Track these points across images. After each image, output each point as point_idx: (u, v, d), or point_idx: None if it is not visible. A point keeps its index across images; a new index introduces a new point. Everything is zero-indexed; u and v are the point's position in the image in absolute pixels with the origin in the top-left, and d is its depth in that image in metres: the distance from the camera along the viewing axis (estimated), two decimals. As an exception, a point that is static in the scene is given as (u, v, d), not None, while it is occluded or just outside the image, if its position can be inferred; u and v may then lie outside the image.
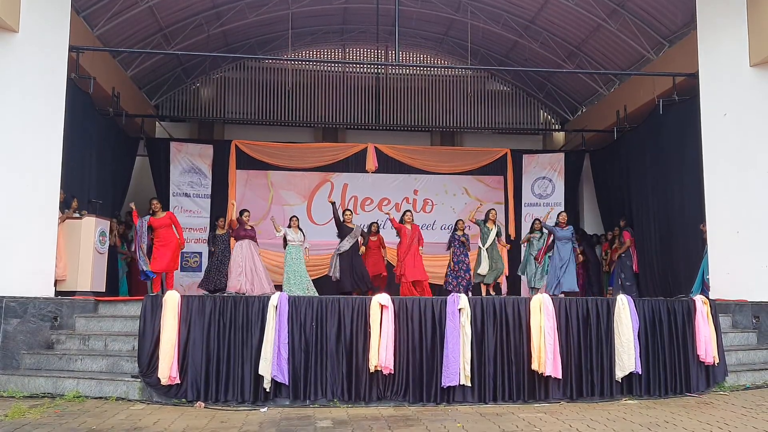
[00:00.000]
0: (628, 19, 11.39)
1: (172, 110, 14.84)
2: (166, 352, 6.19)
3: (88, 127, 10.16)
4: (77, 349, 7.07)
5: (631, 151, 12.36)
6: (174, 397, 6.21)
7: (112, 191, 11.58)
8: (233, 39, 13.95)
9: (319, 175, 13.61)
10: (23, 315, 7.17)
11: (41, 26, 8.00)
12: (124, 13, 10.94)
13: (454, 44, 14.68)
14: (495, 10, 12.85)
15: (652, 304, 6.99)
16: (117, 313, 7.59)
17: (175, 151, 12.92)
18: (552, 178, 13.70)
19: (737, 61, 8.69)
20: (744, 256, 8.39)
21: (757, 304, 8.13)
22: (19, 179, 7.72)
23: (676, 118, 10.47)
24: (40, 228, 7.76)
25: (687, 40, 10.30)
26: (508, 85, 15.82)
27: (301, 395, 6.28)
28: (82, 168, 9.94)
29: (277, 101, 15.00)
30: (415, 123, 15.33)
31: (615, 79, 13.37)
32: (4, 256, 7.49)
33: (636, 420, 5.58)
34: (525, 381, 6.49)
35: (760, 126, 8.55)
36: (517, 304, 6.69)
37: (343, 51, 15.67)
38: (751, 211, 8.46)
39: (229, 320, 6.42)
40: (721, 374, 7.03)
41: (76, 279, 8.18)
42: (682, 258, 10.36)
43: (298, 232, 10.20)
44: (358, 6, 13.32)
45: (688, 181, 9.97)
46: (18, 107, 7.80)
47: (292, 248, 10.04)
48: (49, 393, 6.39)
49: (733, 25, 8.73)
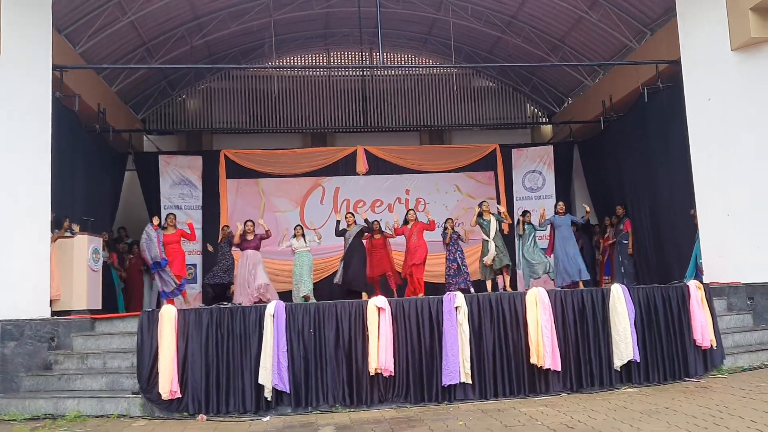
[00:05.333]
0: (608, 9, 11.45)
1: (159, 123, 14.79)
2: (165, 367, 6.18)
3: (76, 145, 10.12)
4: (76, 368, 7.04)
5: (618, 140, 12.41)
6: (175, 411, 6.21)
7: (102, 208, 11.54)
8: (216, 49, 13.93)
9: (310, 180, 13.61)
10: (20, 337, 7.13)
11: (23, 46, 7.95)
12: (106, 29, 10.91)
13: (438, 43, 14.71)
14: (476, 7, 12.89)
15: (646, 291, 7.04)
16: (114, 330, 7.55)
17: (164, 163, 12.88)
18: (542, 170, 13.76)
19: (718, 45, 8.74)
20: (735, 238, 8.44)
21: (750, 285, 8.18)
22: (9, 200, 7.69)
23: (661, 105, 10.53)
24: (33, 249, 7.72)
25: (668, 28, 10.36)
26: (494, 80, 15.87)
27: (302, 402, 6.29)
28: (72, 186, 9.89)
29: (264, 109, 14.99)
30: (403, 123, 15.36)
31: (599, 69, 13.45)
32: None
33: (637, 408, 5.61)
34: (525, 375, 6.52)
35: (743, 108, 8.60)
36: (513, 299, 6.72)
37: (327, 55, 15.68)
38: (739, 193, 8.51)
39: (226, 331, 6.42)
40: (719, 357, 7.08)
41: (71, 298, 8.13)
42: (674, 244, 10.42)
43: (300, 239, 10.45)
44: (340, 10, 13.32)
45: (676, 167, 10.02)
46: (4, 128, 7.76)
47: (297, 255, 10.37)
48: (50, 414, 6.37)
49: (713, 10, 8.78)
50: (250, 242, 10.02)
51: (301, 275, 10.27)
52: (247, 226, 10.13)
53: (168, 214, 10.00)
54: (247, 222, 10.26)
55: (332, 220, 13.27)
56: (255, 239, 10.12)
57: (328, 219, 13.27)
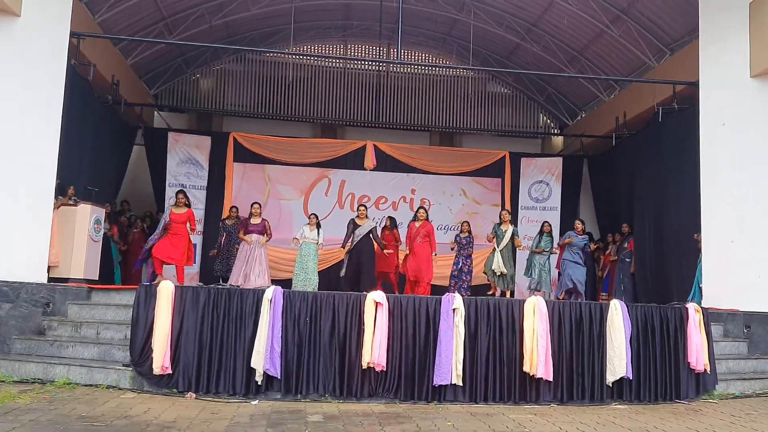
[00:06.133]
0: (630, 25, 11.42)
1: (172, 100, 14.78)
2: (159, 342, 6.18)
3: (87, 114, 10.10)
4: (69, 336, 7.05)
5: (629, 157, 12.37)
6: (165, 387, 6.20)
7: (108, 179, 11.53)
8: (235, 31, 13.91)
9: (316, 170, 13.58)
10: (15, 300, 7.14)
11: (43, 11, 7.95)
12: (127, 1, 10.89)
13: (456, 44, 14.68)
14: (498, 11, 12.86)
15: (645, 310, 7.02)
16: (110, 301, 7.56)
17: (172, 141, 12.86)
18: (549, 182, 13.73)
19: (738, 71, 8.70)
20: (737, 266, 8.41)
21: (748, 314, 8.16)
22: (15, 164, 7.68)
23: (675, 127, 10.48)
24: (35, 214, 7.73)
25: (688, 49, 10.33)
26: (509, 87, 15.83)
27: (292, 389, 6.28)
28: (79, 155, 9.87)
29: (277, 95, 14.97)
30: (414, 122, 15.32)
31: (615, 85, 13.40)
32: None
33: (625, 424, 5.59)
34: (516, 382, 6.51)
35: (758, 136, 8.57)
36: (511, 306, 6.71)
37: (344, 47, 15.64)
38: (746, 222, 8.48)
39: (223, 312, 6.41)
40: (712, 382, 7.06)
41: (70, 266, 8.12)
42: (676, 266, 10.38)
43: (314, 230, 9.97)
44: (361, 2, 13.30)
45: (685, 190, 9.98)
46: (17, 92, 7.76)
47: (303, 245, 9.92)
48: (39, 379, 6.37)
49: (735, 35, 8.74)
50: (255, 225, 9.88)
51: (306, 268, 9.77)
52: (253, 209, 10.00)
53: (178, 191, 9.68)
54: (253, 204, 10.12)
55: (336, 212, 13.28)
56: (261, 223, 9.94)
57: (331, 211, 13.24)
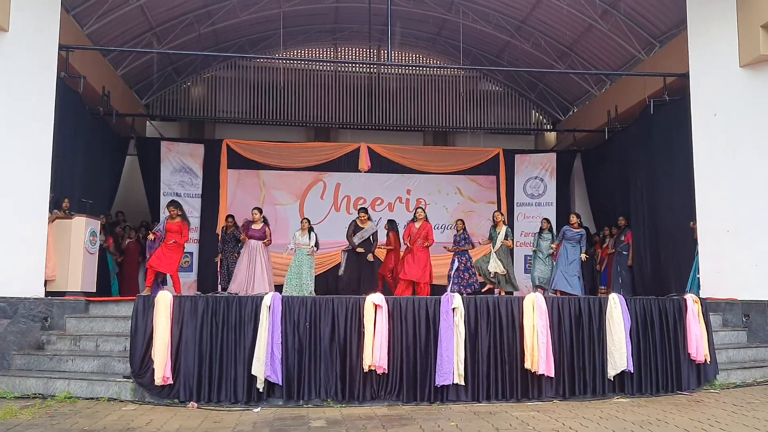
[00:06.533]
0: (619, 19, 11.45)
1: (163, 109, 14.76)
2: (159, 353, 6.15)
3: (78, 127, 10.06)
4: (68, 349, 7.01)
5: (622, 150, 12.41)
6: (166, 398, 6.18)
7: (102, 191, 11.49)
8: (224, 38, 13.89)
9: (311, 174, 13.57)
10: (13, 315, 7.11)
11: (31, 24, 7.94)
12: (114, 12, 10.86)
13: (447, 44, 14.70)
14: (487, 10, 12.87)
15: (643, 302, 7.03)
16: (108, 313, 7.54)
17: (165, 150, 12.84)
18: (544, 177, 13.76)
19: (727, 61, 8.76)
20: (734, 255, 8.45)
21: (747, 302, 8.19)
22: (8, 179, 7.66)
23: (667, 118, 10.52)
24: (30, 228, 7.70)
25: (677, 41, 10.37)
26: (500, 85, 15.86)
27: (294, 395, 6.26)
28: (72, 167, 9.84)
29: (269, 100, 14.96)
30: (407, 123, 15.34)
31: (606, 79, 13.44)
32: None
33: (628, 418, 5.60)
34: (518, 380, 6.50)
35: (749, 125, 8.62)
36: (510, 303, 6.71)
37: (335, 50, 15.65)
38: (741, 210, 8.52)
39: (222, 320, 6.38)
40: (712, 372, 7.08)
41: (66, 279, 8.10)
42: (673, 257, 10.42)
43: (306, 235, 9.94)
44: (350, 5, 13.30)
45: (679, 181, 10.02)
46: (7, 106, 7.75)
47: (297, 251, 9.87)
48: (40, 394, 6.34)
49: (724, 26, 8.80)
50: (255, 231, 9.86)
51: (301, 274, 9.74)
52: (253, 215, 9.98)
53: (168, 204, 9.60)
54: (253, 210, 10.10)
55: (332, 215, 13.30)
56: (261, 228, 9.91)
57: (327, 214, 13.25)
